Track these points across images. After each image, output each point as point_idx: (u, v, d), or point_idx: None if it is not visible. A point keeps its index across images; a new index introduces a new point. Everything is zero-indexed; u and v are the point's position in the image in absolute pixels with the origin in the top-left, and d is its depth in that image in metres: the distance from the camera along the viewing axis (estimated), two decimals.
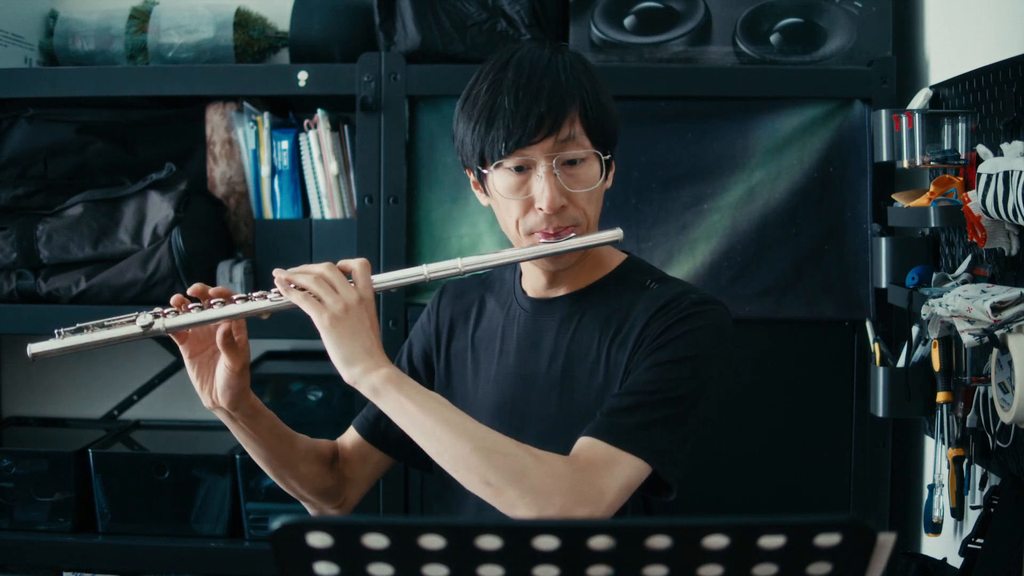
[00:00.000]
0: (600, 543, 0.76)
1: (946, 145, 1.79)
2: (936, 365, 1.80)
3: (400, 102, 2.14)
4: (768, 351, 2.13)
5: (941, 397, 1.79)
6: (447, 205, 2.16)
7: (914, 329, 1.97)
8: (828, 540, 0.77)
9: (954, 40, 2.01)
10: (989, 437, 1.69)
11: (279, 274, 1.35)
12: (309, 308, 1.31)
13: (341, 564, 0.79)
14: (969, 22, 1.93)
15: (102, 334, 1.33)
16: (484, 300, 1.56)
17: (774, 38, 2.15)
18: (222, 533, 2.24)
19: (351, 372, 1.29)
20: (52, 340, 1.33)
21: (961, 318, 1.52)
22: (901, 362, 1.96)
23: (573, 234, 1.38)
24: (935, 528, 1.83)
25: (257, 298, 1.35)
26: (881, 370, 1.93)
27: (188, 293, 1.36)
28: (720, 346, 1.38)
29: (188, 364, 1.40)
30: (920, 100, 1.95)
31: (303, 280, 1.33)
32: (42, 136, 2.31)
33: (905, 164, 1.86)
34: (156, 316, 1.33)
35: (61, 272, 2.22)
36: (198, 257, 2.21)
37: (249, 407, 1.41)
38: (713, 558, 0.77)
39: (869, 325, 2.07)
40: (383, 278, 1.37)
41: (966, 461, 1.77)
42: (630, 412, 1.31)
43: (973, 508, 1.77)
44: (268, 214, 2.29)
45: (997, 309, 1.47)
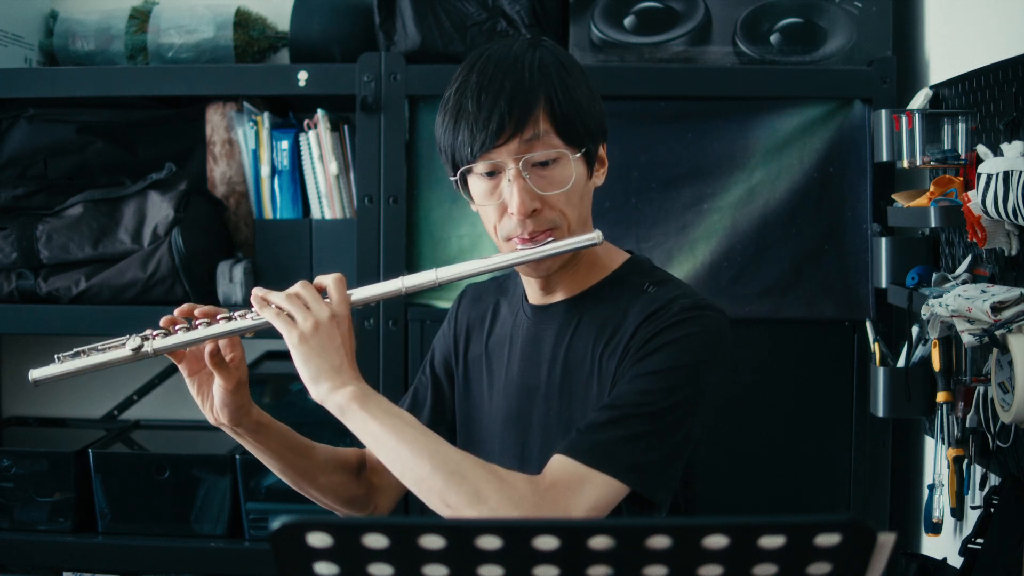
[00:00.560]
0: (600, 543, 0.76)
1: (946, 145, 1.79)
2: (936, 365, 1.80)
3: (400, 102, 2.14)
4: (768, 351, 2.13)
5: (941, 397, 1.79)
6: (447, 205, 2.16)
7: (914, 329, 1.97)
8: (828, 540, 0.77)
9: (954, 40, 2.01)
10: (989, 437, 1.69)
11: (257, 291, 1.35)
12: (280, 326, 1.30)
13: (341, 564, 0.79)
14: (969, 22, 1.93)
15: (98, 358, 1.38)
16: (499, 305, 1.53)
17: (774, 38, 2.15)
18: (222, 533, 2.24)
19: (317, 390, 1.28)
20: (52, 365, 1.38)
21: (961, 318, 1.52)
22: (901, 362, 1.96)
23: (551, 238, 1.34)
24: (935, 528, 1.83)
25: (239, 317, 1.35)
26: (881, 370, 1.93)
27: (175, 313, 1.37)
28: (713, 353, 1.31)
29: (188, 382, 1.41)
30: (920, 100, 1.95)
31: (276, 298, 1.33)
32: (42, 136, 2.31)
33: (905, 164, 1.86)
34: (144, 339, 1.36)
35: (61, 272, 2.22)
36: (198, 257, 2.21)
37: (252, 423, 1.40)
38: (713, 558, 0.77)
39: (869, 325, 2.07)
40: (359, 293, 1.35)
41: (966, 461, 1.77)
42: (606, 427, 1.25)
43: (973, 508, 1.77)
44: (268, 214, 2.29)
45: (997, 309, 1.47)
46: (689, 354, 1.29)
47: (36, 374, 1.38)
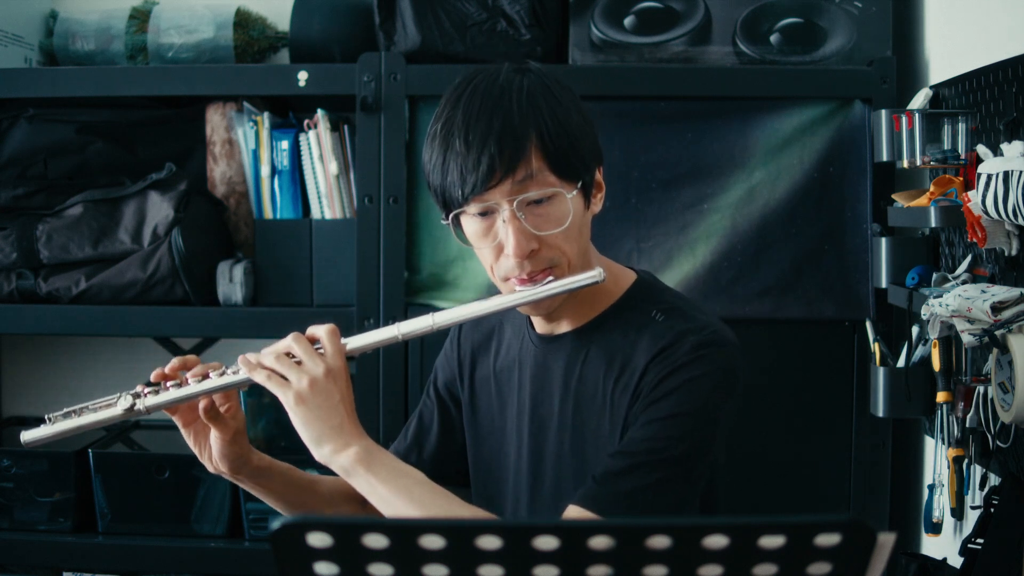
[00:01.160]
0: (600, 543, 0.76)
1: (946, 145, 1.79)
2: (936, 365, 1.80)
3: (400, 102, 2.14)
4: (768, 351, 2.12)
5: (941, 397, 1.79)
6: None
7: (914, 329, 1.97)
8: (828, 540, 0.77)
9: (954, 40, 2.01)
10: (989, 437, 1.69)
11: (247, 357, 1.29)
12: (274, 388, 1.26)
13: (341, 564, 0.79)
14: (969, 22, 1.93)
15: (90, 417, 1.34)
16: (502, 327, 1.50)
17: (774, 38, 2.15)
18: (222, 533, 2.24)
19: (321, 452, 1.25)
20: (43, 427, 1.33)
21: (961, 318, 1.52)
22: (901, 362, 1.96)
23: (551, 278, 1.29)
24: (935, 528, 1.83)
25: (232, 373, 1.31)
26: (881, 370, 1.93)
27: (167, 370, 1.33)
28: (725, 389, 1.29)
29: (183, 433, 1.38)
30: (920, 100, 1.95)
31: (267, 360, 1.27)
32: (42, 136, 2.31)
33: (905, 164, 1.86)
34: (136, 397, 1.32)
35: (61, 272, 2.22)
36: (198, 257, 2.21)
37: (253, 470, 1.38)
38: (713, 558, 0.77)
39: (869, 325, 2.07)
40: (354, 342, 1.31)
41: (966, 461, 1.77)
42: (621, 477, 1.24)
43: (973, 508, 1.76)
44: (268, 214, 2.29)
45: (997, 309, 1.47)
46: (701, 397, 1.27)
47: (27, 436, 1.33)
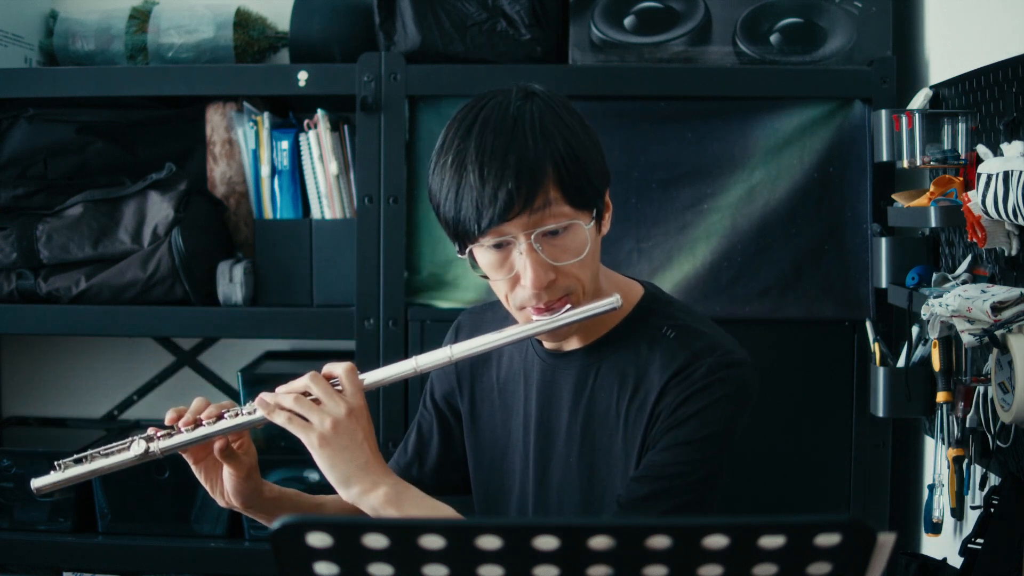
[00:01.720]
0: (600, 543, 0.76)
1: (946, 145, 1.79)
2: (936, 365, 1.80)
3: (400, 102, 2.14)
4: (768, 351, 2.12)
5: (941, 397, 1.79)
6: None
7: (914, 329, 1.97)
8: (828, 540, 0.77)
9: (954, 40, 2.01)
10: (989, 437, 1.69)
11: (264, 397, 1.28)
12: (296, 430, 1.25)
13: (341, 564, 0.79)
14: (969, 22, 1.93)
15: (101, 463, 1.32)
16: None
17: (774, 38, 2.15)
18: (222, 533, 2.24)
19: (349, 493, 1.25)
20: (54, 473, 1.31)
21: (961, 318, 1.52)
22: (901, 362, 1.96)
23: (568, 306, 1.29)
24: (935, 528, 1.83)
25: (247, 413, 1.30)
26: (881, 370, 1.93)
27: (180, 425, 1.31)
28: (741, 407, 1.32)
29: (194, 469, 1.36)
30: (920, 100, 1.95)
31: (286, 401, 1.26)
32: (42, 136, 2.31)
33: (905, 164, 1.86)
34: (150, 440, 1.31)
35: (61, 272, 2.22)
36: (198, 257, 2.21)
37: (265, 502, 1.38)
38: (713, 558, 0.77)
39: (869, 325, 2.07)
40: (372, 377, 1.31)
41: (966, 461, 1.77)
42: (649, 502, 1.26)
43: (973, 508, 1.76)
44: (268, 214, 2.29)
45: (997, 309, 1.47)
46: (719, 420, 1.29)
47: (38, 483, 1.32)
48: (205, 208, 2.27)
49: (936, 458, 1.81)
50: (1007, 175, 1.46)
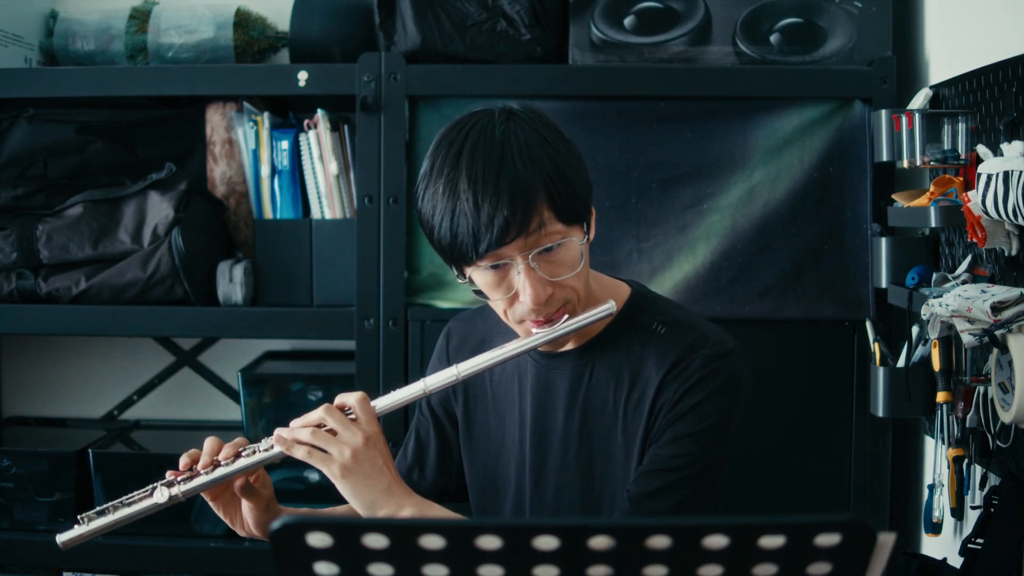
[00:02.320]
0: (600, 543, 0.76)
1: (946, 145, 1.79)
2: (936, 365, 1.80)
3: (400, 102, 2.14)
4: (768, 351, 2.12)
5: (941, 397, 1.79)
6: None
7: (914, 329, 1.97)
8: (828, 540, 0.77)
9: (954, 40, 2.01)
10: (989, 437, 1.69)
11: (280, 433, 1.31)
12: (317, 463, 1.28)
13: (341, 564, 0.79)
14: (969, 22, 1.93)
15: (124, 512, 1.35)
16: (493, 342, 1.50)
17: (774, 38, 2.15)
18: (222, 533, 2.24)
19: (375, 517, 1.28)
20: (77, 528, 1.34)
21: (961, 318, 1.52)
22: (901, 362, 1.96)
23: (566, 316, 1.34)
24: (935, 528, 1.83)
25: (264, 450, 1.33)
26: (881, 370, 1.93)
27: (199, 467, 1.34)
28: (737, 398, 1.36)
29: (212, 505, 1.39)
30: (920, 100, 1.95)
31: (303, 436, 1.29)
32: (42, 136, 2.31)
33: (905, 164, 1.86)
34: (171, 486, 1.34)
35: (61, 272, 2.22)
36: (198, 257, 2.21)
37: None
38: (713, 558, 0.77)
39: (869, 325, 2.07)
40: (382, 403, 1.34)
41: (966, 461, 1.77)
42: (659, 495, 1.30)
43: (973, 508, 1.76)
44: (268, 214, 2.29)
45: (997, 309, 1.47)
46: (718, 410, 1.34)
47: (63, 538, 1.35)
48: (205, 208, 2.27)
49: (936, 458, 1.81)
50: (1007, 175, 1.46)
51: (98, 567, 2.25)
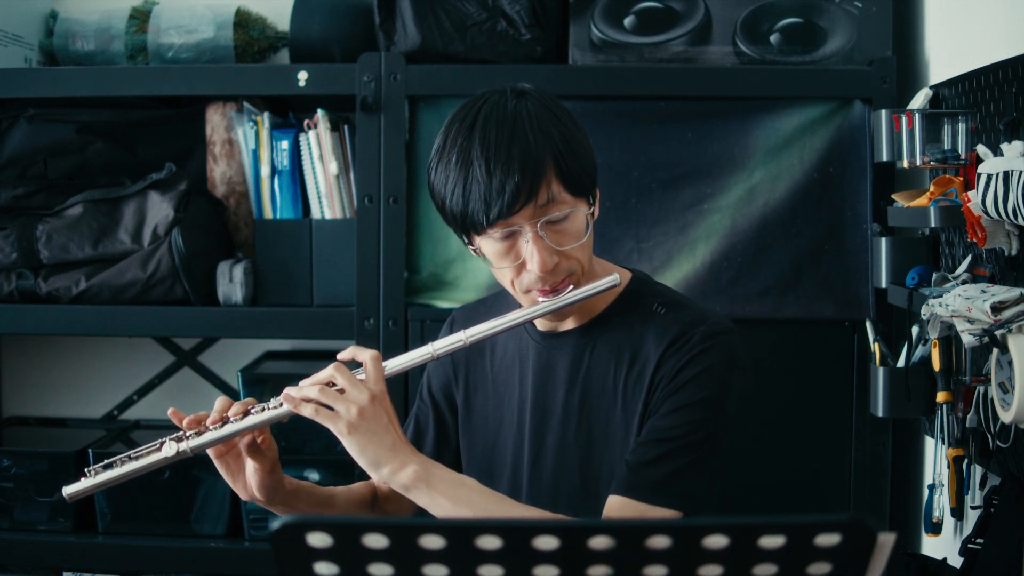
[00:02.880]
0: (600, 543, 0.76)
1: (946, 145, 1.79)
2: (936, 365, 1.80)
3: (400, 102, 2.14)
4: (768, 351, 2.12)
5: (941, 397, 1.79)
6: None
7: (914, 329, 1.97)
8: (828, 540, 0.77)
9: (954, 40, 2.01)
10: (989, 437, 1.69)
11: (289, 391, 1.33)
12: (324, 420, 1.30)
13: (341, 564, 0.79)
14: (969, 22, 1.93)
15: (131, 466, 1.35)
16: None
17: (774, 38, 2.15)
18: (222, 533, 2.24)
19: (380, 473, 1.30)
20: (84, 480, 1.34)
21: (961, 318, 1.52)
22: (901, 362, 1.96)
23: (571, 287, 1.38)
24: (935, 528, 1.83)
25: (272, 408, 1.34)
26: (881, 370, 1.93)
27: (208, 423, 1.36)
28: (734, 375, 1.39)
29: (217, 464, 1.40)
30: (920, 100, 1.95)
31: (311, 393, 1.31)
32: (42, 136, 2.31)
33: (905, 164, 1.86)
34: (179, 440, 1.35)
35: (61, 272, 2.22)
36: (198, 257, 2.21)
37: (286, 494, 1.42)
38: (713, 558, 0.77)
39: (869, 325, 2.07)
40: (392, 364, 1.36)
41: (966, 461, 1.77)
42: (656, 464, 1.32)
43: (973, 508, 1.77)
44: (268, 214, 2.29)
45: (997, 309, 1.47)
46: (717, 382, 1.36)
47: (69, 490, 1.35)
48: (205, 208, 2.27)
49: (936, 458, 1.81)
50: (1007, 175, 1.46)
51: (98, 567, 2.25)
